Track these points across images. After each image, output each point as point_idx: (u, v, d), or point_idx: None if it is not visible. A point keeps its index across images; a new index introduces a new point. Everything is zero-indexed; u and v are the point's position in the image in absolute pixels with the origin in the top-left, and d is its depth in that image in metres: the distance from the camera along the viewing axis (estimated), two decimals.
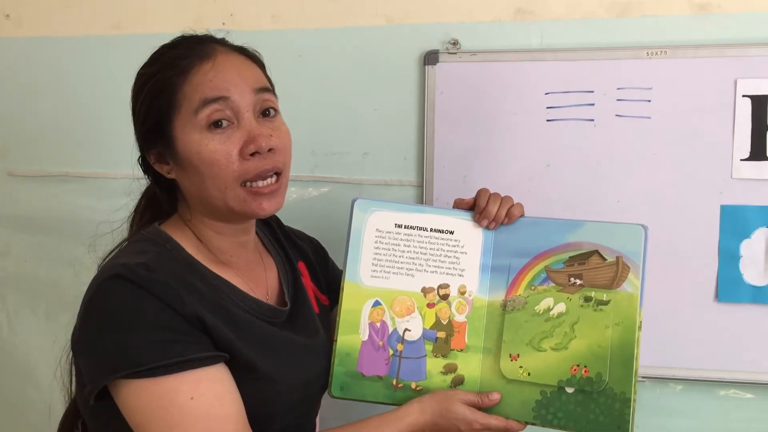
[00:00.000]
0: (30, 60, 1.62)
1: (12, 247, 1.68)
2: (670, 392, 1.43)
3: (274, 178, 0.99)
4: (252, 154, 0.96)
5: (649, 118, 1.37)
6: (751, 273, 1.36)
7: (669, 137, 1.37)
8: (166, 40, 1.02)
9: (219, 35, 1.03)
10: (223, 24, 1.52)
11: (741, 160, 1.35)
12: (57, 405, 1.15)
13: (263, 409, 0.98)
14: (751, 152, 1.34)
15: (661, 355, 1.39)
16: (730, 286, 1.36)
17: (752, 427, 1.41)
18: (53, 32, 1.60)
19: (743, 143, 1.34)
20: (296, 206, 1.51)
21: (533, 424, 1.07)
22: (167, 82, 0.96)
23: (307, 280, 1.16)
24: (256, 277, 1.07)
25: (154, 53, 1.01)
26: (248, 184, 0.97)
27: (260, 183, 0.97)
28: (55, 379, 1.06)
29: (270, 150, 0.96)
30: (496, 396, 1.06)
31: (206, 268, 0.99)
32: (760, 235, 1.35)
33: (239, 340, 0.95)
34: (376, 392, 1.10)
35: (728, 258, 1.36)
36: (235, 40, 1.03)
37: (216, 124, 0.95)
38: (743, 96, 1.34)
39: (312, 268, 1.20)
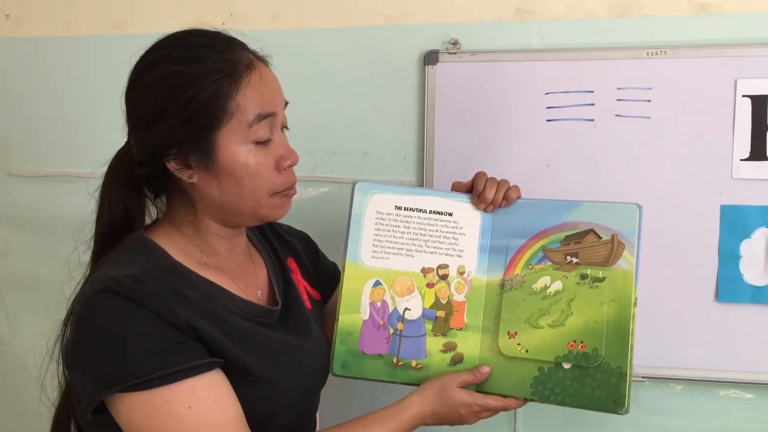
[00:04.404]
0: (30, 60, 1.62)
1: (12, 247, 1.68)
2: (670, 392, 1.43)
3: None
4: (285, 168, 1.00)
5: (649, 118, 1.37)
6: (751, 273, 1.36)
7: (669, 137, 1.37)
8: None
9: None
10: (223, 24, 1.51)
11: (741, 160, 1.35)
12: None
13: (261, 411, 0.97)
14: (751, 152, 1.34)
15: (661, 355, 1.39)
16: (730, 286, 1.36)
17: (752, 427, 1.41)
18: (53, 32, 1.60)
19: (743, 143, 1.34)
20: (296, 206, 1.48)
21: (531, 400, 1.08)
22: (219, 90, 0.93)
23: (297, 277, 1.16)
24: (247, 278, 1.07)
25: (186, 50, 0.95)
26: (279, 191, 1.01)
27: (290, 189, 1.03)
28: (42, 385, 1.07)
29: None
30: (486, 369, 1.09)
31: (196, 273, 0.99)
32: (760, 235, 1.35)
33: (232, 345, 0.94)
34: (378, 370, 1.11)
35: (728, 258, 1.36)
36: None
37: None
38: (743, 96, 1.34)
39: (302, 263, 1.20)
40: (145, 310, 0.89)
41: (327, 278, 1.26)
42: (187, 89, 0.92)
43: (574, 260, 1.10)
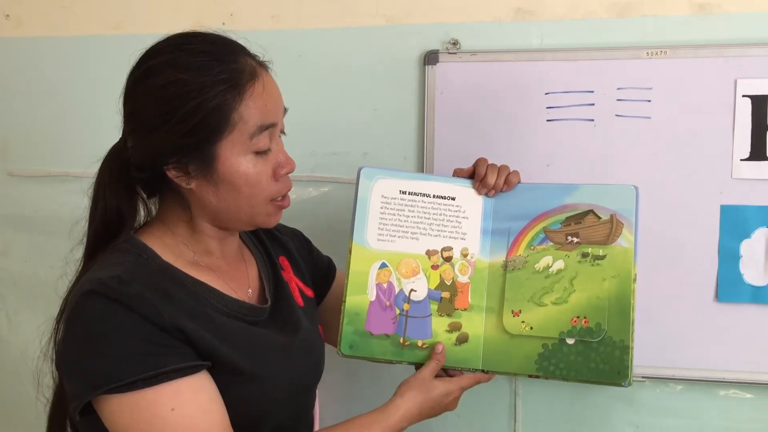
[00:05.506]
0: (30, 60, 1.62)
1: (12, 247, 1.68)
2: (670, 392, 1.43)
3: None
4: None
5: (649, 118, 1.37)
6: (751, 273, 1.36)
7: (669, 137, 1.37)
8: None
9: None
10: (223, 24, 1.52)
11: (741, 160, 1.35)
12: None
13: (254, 409, 0.98)
14: (751, 152, 1.34)
15: (661, 355, 1.39)
16: (730, 286, 1.36)
17: (752, 427, 1.41)
18: (53, 32, 1.60)
19: (743, 143, 1.34)
20: (296, 206, 1.49)
21: (536, 377, 1.11)
22: (223, 101, 0.93)
23: (289, 274, 1.17)
24: (238, 276, 1.08)
25: (190, 57, 0.94)
26: (275, 199, 1.02)
27: (284, 199, 1.04)
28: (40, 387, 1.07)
29: None
30: (440, 346, 1.12)
31: (185, 273, 0.99)
32: (760, 235, 1.35)
33: (222, 345, 0.95)
34: (384, 350, 1.13)
35: (728, 258, 1.36)
36: (237, 40, 1.02)
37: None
38: (743, 96, 1.34)
39: (294, 261, 1.20)
40: (131, 312, 0.89)
41: (322, 273, 1.27)
42: (191, 99, 0.92)
43: (575, 240, 1.13)
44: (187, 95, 0.92)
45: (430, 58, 1.44)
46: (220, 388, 0.94)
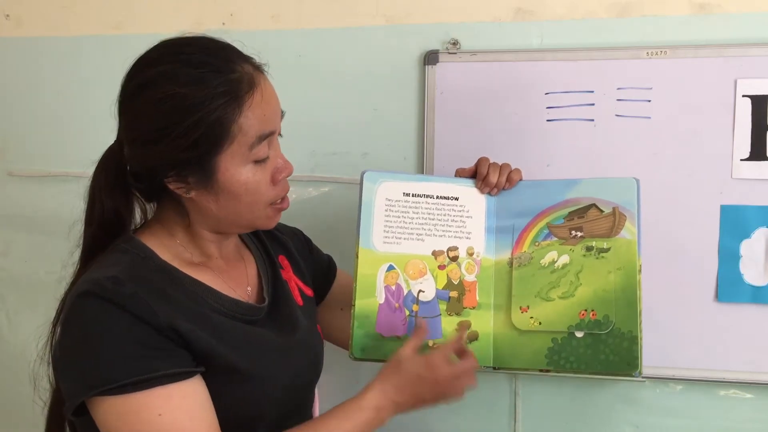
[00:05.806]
0: (30, 60, 1.62)
1: (12, 247, 1.68)
2: (670, 392, 1.43)
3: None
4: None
5: (649, 118, 1.37)
6: (751, 273, 1.35)
7: (669, 137, 1.37)
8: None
9: (218, 35, 1.00)
10: (223, 24, 1.52)
11: (741, 160, 1.35)
12: None
13: (253, 410, 0.98)
14: (751, 152, 1.34)
15: (661, 355, 1.38)
16: (730, 286, 1.36)
17: (752, 427, 1.41)
18: (53, 32, 1.60)
19: (743, 143, 1.34)
20: (296, 206, 1.49)
21: (547, 370, 1.12)
22: (223, 114, 0.92)
23: (288, 274, 1.17)
24: (237, 275, 1.08)
25: (189, 69, 0.92)
26: (274, 203, 1.02)
27: (283, 202, 1.04)
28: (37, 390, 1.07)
29: None
30: (420, 321, 1.10)
31: (183, 273, 0.99)
32: (760, 235, 1.35)
33: (219, 344, 0.94)
34: None
35: (728, 258, 1.36)
36: (235, 41, 1.01)
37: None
38: (743, 96, 1.34)
39: (294, 260, 1.20)
40: (126, 313, 0.89)
41: (322, 272, 1.27)
42: (191, 114, 0.91)
43: (579, 234, 1.14)
44: (186, 110, 0.91)
45: (430, 58, 1.44)
46: (218, 387, 0.94)
